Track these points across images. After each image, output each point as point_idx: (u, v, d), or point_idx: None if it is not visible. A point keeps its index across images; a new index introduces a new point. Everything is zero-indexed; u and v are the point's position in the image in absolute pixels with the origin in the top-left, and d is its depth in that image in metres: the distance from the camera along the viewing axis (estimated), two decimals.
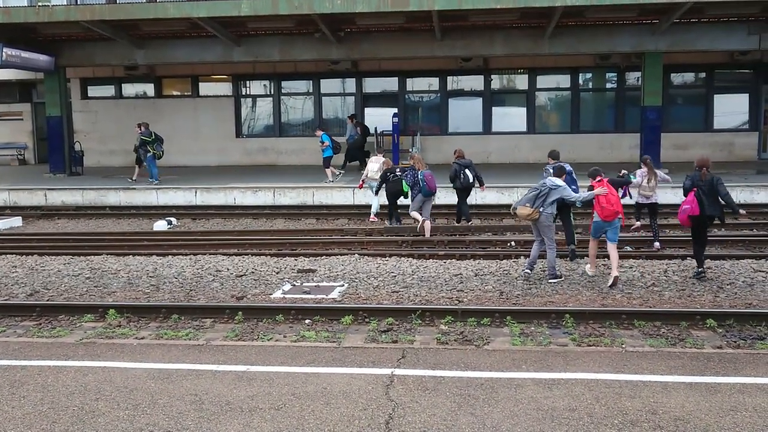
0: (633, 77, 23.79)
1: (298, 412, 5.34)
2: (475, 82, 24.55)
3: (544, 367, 6.26)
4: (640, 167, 12.33)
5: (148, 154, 20.01)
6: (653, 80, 20.19)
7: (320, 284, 9.95)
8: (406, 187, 13.73)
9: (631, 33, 19.77)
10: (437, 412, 5.30)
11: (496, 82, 24.71)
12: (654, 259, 11.10)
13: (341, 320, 8.21)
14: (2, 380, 6.09)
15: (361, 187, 15.75)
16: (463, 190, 14.21)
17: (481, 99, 24.57)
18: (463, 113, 24.61)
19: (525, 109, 24.44)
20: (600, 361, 6.42)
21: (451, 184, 14.11)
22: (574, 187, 10.71)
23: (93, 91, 26.38)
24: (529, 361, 6.46)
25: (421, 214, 13.05)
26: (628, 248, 12.15)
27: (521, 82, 24.63)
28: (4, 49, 19.18)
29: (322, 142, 19.23)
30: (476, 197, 17.31)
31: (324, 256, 11.65)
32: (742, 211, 9.93)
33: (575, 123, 24.30)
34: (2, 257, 12.10)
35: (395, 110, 23.95)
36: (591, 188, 9.88)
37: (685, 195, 9.85)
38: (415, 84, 25.06)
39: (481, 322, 8.01)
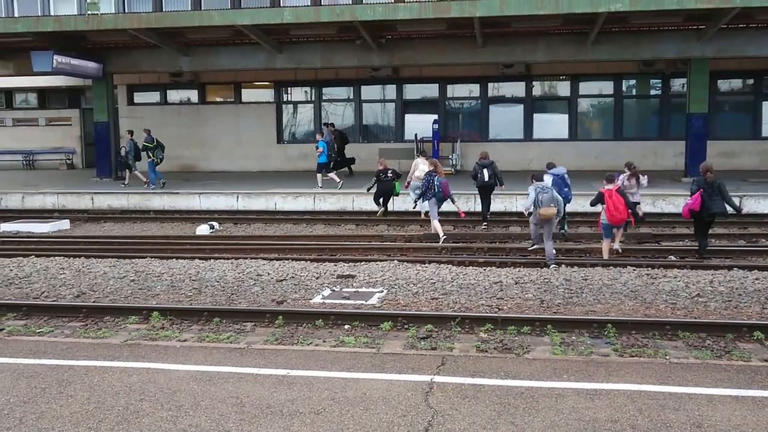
0: (678, 84, 23.43)
1: (338, 417, 5.36)
2: (517, 88, 24.44)
3: (585, 377, 6.18)
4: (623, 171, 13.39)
5: (148, 160, 20.64)
6: (699, 87, 19.83)
7: (359, 290, 9.98)
8: (397, 189, 15.91)
9: (676, 39, 19.45)
10: (477, 421, 5.27)
11: (538, 88, 24.56)
12: (699, 269, 10.88)
13: (380, 326, 8.22)
14: (51, 379, 6.24)
15: (407, 186, 16.13)
16: (482, 188, 15.07)
17: (522, 106, 24.44)
18: (504, 120, 24.51)
19: (567, 115, 24.24)
20: (643, 372, 6.31)
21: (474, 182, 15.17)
22: (566, 189, 12.71)
23: (139, 97, 26.98)
24: (571, 370, 6.38)
25: (431, 217, 13.81)
26: (672, 258, 11.95)
27: (563, 88, 24.44)
28: (55, 57, 19.73)
29: (317, 148, 19.63)
30: (516, 204, 17.25)
31: (363, 262, 11.68)
32: (743, 209, 12.07)
33: (618, 130, 24.00)
34: (51, 259, 12.40)
35: (435, 117, 23.96)
36: (601, 194, 11.38)
37: (693, 194, 11.49)
38: (455, 90, 25.05)
39: (522, 331, 7.95)
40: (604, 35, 19.31)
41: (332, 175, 19.65)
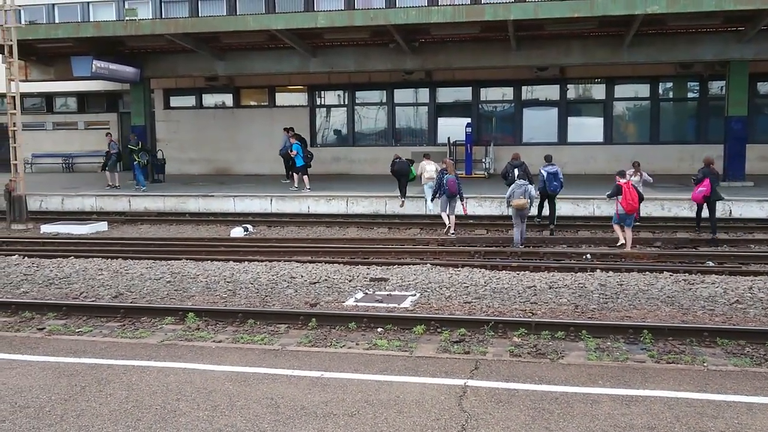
0: (716, 86, 23.03)
1: (372, 420, 5.38)
2: (551, 91, 24.25)
3: (621, 384, 6.12)
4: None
5: (134, 163, 21.37)
6: (738, 89, 19.47)
7: (392, 293, 10.00)
8: (413, 174, 17.39)
9: (714, 41, 19.13)
10: (511, 425, 5.24)
11: (572, 91, 24.34)
12: (738, 275, 10.68)
13: (413, 329, 8.23)
14: (90, 378, 6.37)
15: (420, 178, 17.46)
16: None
17: (556, 109, 24.24)
18: (538, 123, 24.34)
19: (602, 119, 23.98)
20: (680, 379, 6.22)
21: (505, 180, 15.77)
22: (555, 183, 14.56)
23: (175, 101, 27.34)
24: (606, 376, 6.32)
25: (447, 214, 14.83)
26: (710, 263, 11.75)
27: (598, 91, 24.19)
28: (94, 62, 20.14)
29: (292, 151, 20.16)
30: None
31: (396, 265, 11.70)
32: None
33: (654, 133, 23.67)
34: (90, 260, 12.64)
35: (468, 120, 23.88)
36: (618, 187, 12.92)
37: (696, 184, 13.85)
38: (489, 94, 24.94)
39: (556, 336, 7.89)
40: (641, 37, 19.07)
41: (305, 177, 20.20)
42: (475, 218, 16.91)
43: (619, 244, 13.19)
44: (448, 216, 14.79)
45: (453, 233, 14.63)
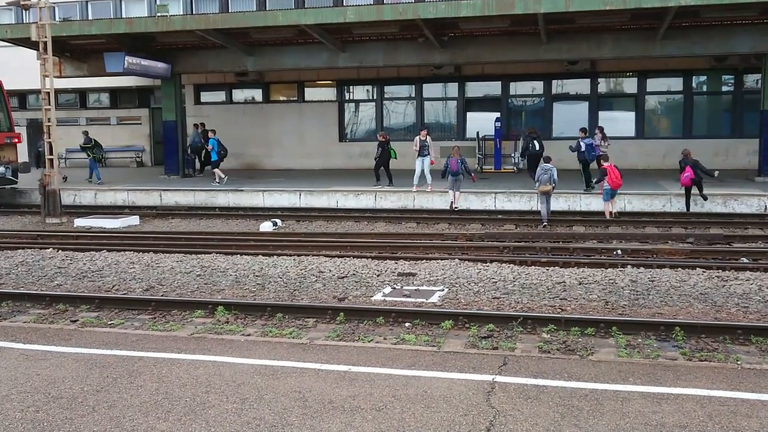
0: (752, 80, 22.58)
1: (399, 414, 5.38)
2: (581, 85, 24.00)
3: (652, 381, 6.03)
4: (595, 133, 19.14)
5: (89, 158, 22.53)
6: None
7: (420, 288, 9.97)
8: (393, 154, 19.79)
9: (750, 33, 18.76)
10: (539, 422, 5.20)
11: (603, 85, 24.06)
12: None
13: (441, 325, 8.20)
14: (122, 370, 6.46)
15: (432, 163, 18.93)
16: (533, 158, 18.45)
17: (587, 103, 23.97)
18: (568, 117, 24.07)
19: (633, 113, 23.66)
20: (713, 378, 6.12)
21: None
22: (593, 153, 17.43)
23: (205, 96, 27.59)
24: (637, 373, 6.24)
25: (453, 191, 17.00)
26: (745, 260, 11.54)
27: (630, 85, 23.88)
28: (126, 58, 20.39)
29: (208, 146, 21.18)
30: (581, 203, 16.98)
31: (424, 260, 11.67)
32: (716, 173, 17.35)
33: (687, 128, 23.31)
34: (122, 254, 12.81)
35: (498, 115, 23.73)
36: (603, 170, 15.31)
37: (681, 171, 16.00)
38: (518, 88, 24.76)
39: (585, 332, 7.80)
40: (674, 30, 18.76)
41: (217, 171, 21.19)
42: (504, 213, 16.82)
43: (607, 217, 15.41)
44: (454, 192, 16.96)
45: (456, 207, 17.03)
